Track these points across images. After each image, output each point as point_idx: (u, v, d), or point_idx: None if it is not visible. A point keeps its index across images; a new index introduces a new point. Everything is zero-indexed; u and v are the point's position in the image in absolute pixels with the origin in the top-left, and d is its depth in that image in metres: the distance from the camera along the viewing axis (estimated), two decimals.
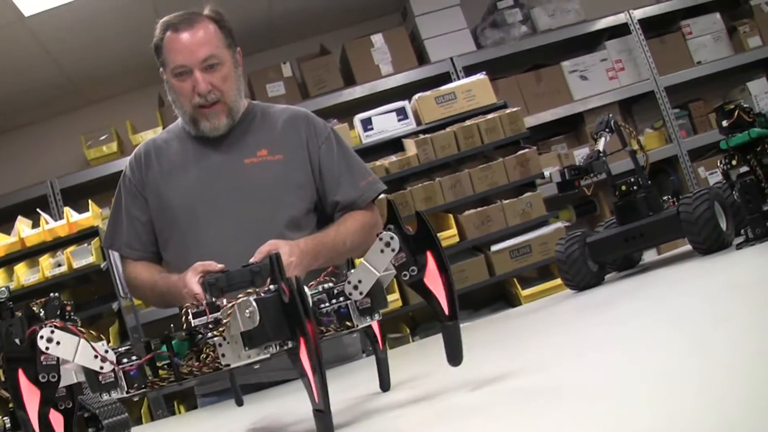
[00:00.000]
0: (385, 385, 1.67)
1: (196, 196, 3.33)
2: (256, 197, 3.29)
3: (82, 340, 1.56)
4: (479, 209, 6.26)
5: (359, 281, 1.64)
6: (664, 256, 3.58)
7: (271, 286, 1.53)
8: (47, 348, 1.53)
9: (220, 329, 1.62)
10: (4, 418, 2.73)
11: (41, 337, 1.53)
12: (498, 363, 1.81)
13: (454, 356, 1.62)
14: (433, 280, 1.62)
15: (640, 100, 8.18)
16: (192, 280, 2.89)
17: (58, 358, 1.55)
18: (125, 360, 1.64)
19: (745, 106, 2.73)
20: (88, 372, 1.59)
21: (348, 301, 1.68)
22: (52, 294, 2.84)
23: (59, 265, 5.95)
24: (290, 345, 1.50)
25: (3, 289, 2.84)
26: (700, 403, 1.06)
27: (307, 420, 2.01)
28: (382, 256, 1.62)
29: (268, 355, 1.57)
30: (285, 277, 1.50)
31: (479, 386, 1.60)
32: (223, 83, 3.29)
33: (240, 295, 1.56)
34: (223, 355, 1.60)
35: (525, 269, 6.21)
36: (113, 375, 1.59)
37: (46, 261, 5.93)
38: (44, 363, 1.55)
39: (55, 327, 1.56)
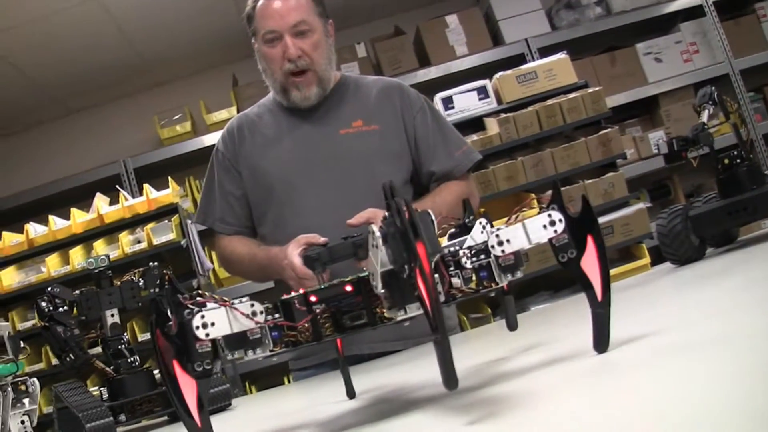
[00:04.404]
0: (602, 345, 1.58)
1: (292, 167, 3.33)
2: (353, 167, 3.29)
3: (229, 308, 1.52)
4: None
5: (508, 240, 1.56)
6: (763, 231, 3.52)
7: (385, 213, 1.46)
8: (207, 335, 1.48)
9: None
10: (101, 388, 2.75)
11: (197, 327, 1.47)
12: (625, 328, 1.77)
13: (601, 342, 1.56)
14: (590, 265, 1.58)
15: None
16: (293, 253, 2.89)
17: (213, 342, 1.50)
18: (269, 317, 1.60)
19: None
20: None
21: (489, 258, 1.59)
22: (150, 263, 2.86)
23: (139, 242, 5.97)
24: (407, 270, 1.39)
25: (103, 257, 2.85)
26: None
27: (403, 394, 2.00)
28: (542, 231, 1.56)
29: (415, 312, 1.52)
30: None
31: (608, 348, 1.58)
32: (314, 50, 3.30)
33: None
34: (390, 308, 1.54)
35: (607, 250, 6.12)
36: (259, 331, 1.54)
37: (125, 237, 5.95)
38: (199, 350, 1.49)
39: (197, 307, 1.52)
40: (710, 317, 1.66)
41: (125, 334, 2.81)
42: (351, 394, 2.13)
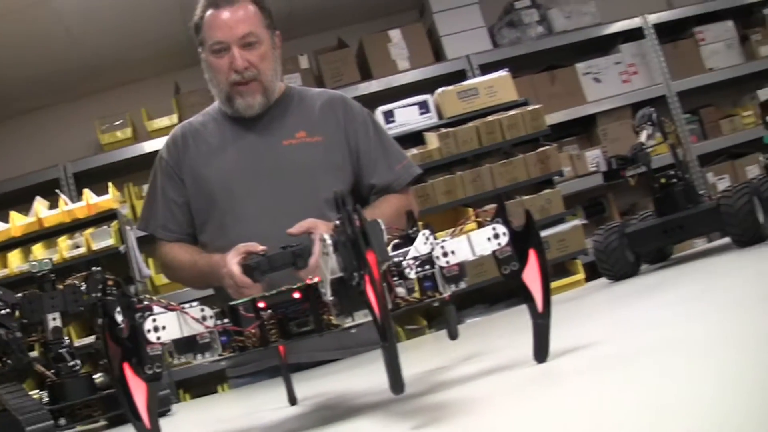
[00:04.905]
0: (541, 354, 1.61)
1: (234, 176, 3.36)
2: (295, 178, 3.32)
3: (180, 312, 1.55)
4: (493, 206, 6.15)
5: (452, 252, 1.60)
6: (696, 249, 3.60)
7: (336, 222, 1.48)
8: (158, 338, 1.51)
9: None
10: (41, 392, 2.76)
11: (148, 330, 1.51)
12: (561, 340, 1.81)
13: (542, 352, 1.61)
14: (532, 277, 1.61)
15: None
16: (233, 261, 2.91)
17: (162, 346, 1.53)
18: (218, 322, 1.62)
19: None
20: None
21: (434, 269, 1.62)
22: (93, 268, 2.86)
23: (78, 247, 5.94)
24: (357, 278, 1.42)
25: (47, 260, 2.85)
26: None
27: (345, 401, 2.03)
28: (486, 244, 1.61)
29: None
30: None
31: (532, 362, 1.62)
32: (261, 62, 3.32)
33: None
34: (338, 315, 1.57)
35: None
36: (209, 336, 1.58)
37: (64, 242, 5.92)
38: (150, 353, 1.52)
39: (148, 311, 1.54)
40: (645, 329, 1.72)
41: (67, 338, 2.82)
42: (292, 400, 2.16)
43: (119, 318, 1.54)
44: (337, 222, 1.46)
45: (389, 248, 1.84)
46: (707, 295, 2.06)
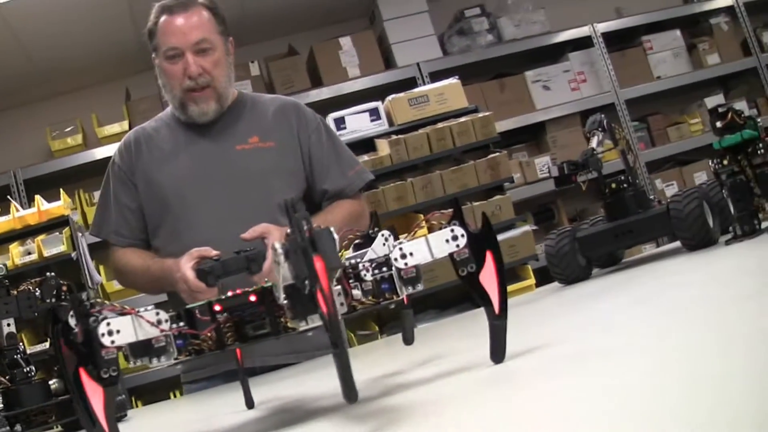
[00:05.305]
0: (498, 355, 1.63)
1: (187, 181, 3.35)
2: (248, 183, 3.32)
3: (135, 316, 1.53)
4: (450, 210, 6.18)
5: (411, 254, 1.62)
6: (646, 254, 3.65)
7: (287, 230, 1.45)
8: (113, 342, 1.50)
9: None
10: None
11: (102, 334, 1.49)
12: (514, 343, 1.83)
13: (498, 353, 1.63)
14: (488, 279, 1.63)
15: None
16: (186, 266, 2.89)
17: (117, 350, 1.52)
18: (174, 326, 1.61)
19: (737, 109, 2.79)
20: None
21: (391, 271, 1.63)
22: (48, 273, 2.85)
23: (29, 254, 5.92)
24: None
25: (1, 266, 2.84)
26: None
27: (303, 404, 2.05)
28: (445, 246, 1.63)
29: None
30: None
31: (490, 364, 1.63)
32: (214, 68, 3.32)
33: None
34: (292, 318, 1.57)
35: None
36: (164, 339, 1.56)
37: (15, 249, 5.90)
38: (106, 357, 1.50)
39: (103, 315, 1.53)
40: (598, 331, 1.75)
41: (21, 343, 2.81)
42: (250, 404, 2.17)
43: (73, 322, 1.54)
44: (288, 230, 1.45)
45: (350, 249, 1.86)
46: (658, 297, 2.10)
